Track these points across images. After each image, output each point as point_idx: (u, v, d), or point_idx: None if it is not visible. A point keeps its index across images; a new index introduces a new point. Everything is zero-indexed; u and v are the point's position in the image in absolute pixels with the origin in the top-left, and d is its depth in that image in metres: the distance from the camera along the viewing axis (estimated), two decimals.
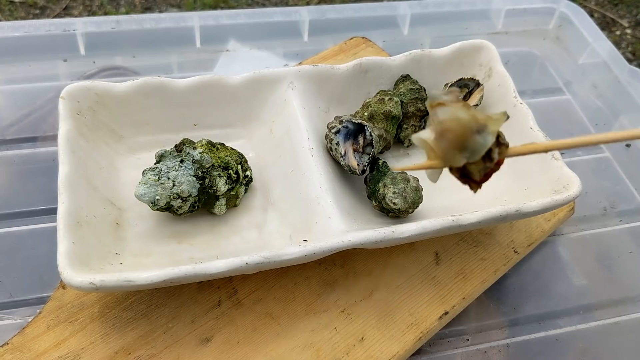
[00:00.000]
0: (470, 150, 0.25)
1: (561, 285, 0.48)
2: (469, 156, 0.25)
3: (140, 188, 0.40)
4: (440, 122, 0.25)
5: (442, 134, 0.25)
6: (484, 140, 0.25)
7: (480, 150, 0.25)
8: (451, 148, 0.24)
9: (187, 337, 0.39)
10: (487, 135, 0.25)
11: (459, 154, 0.25)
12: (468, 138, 0.24)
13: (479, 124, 0.25)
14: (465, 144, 0.24)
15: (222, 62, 0.64)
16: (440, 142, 0.25)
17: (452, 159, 0.25)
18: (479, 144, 0.24)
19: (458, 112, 0.25)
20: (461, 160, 0.25)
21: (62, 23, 0.61)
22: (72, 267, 0.34)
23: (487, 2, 0.71)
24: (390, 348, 0.40)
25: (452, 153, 0.25)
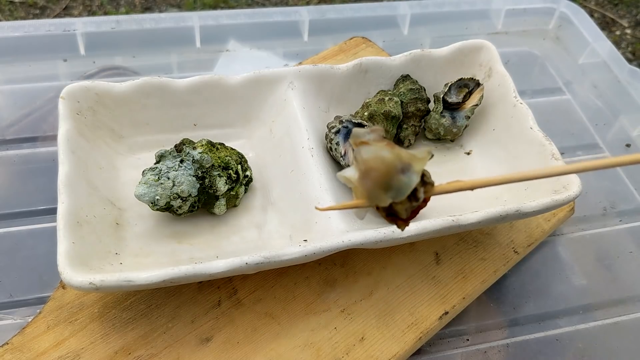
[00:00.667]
0: (395, 190, 0.24)
1: (561, 285, 0.48)
2: (394, 195, 0.24)
3: (140, 188, 0.40)
4: (364, 161, 0.24)
5: (366, 173, 0.24)
6: (409, 179, 0.24)
7: (405, 190, 0.24)
8: (376, 188, 0.24)
9: (187, 337, 0.39)
10: (412, 174, 0.24)
11: (383, 194, 0.24)
12: (392, 177, 0.24)
13: (403, 163, 0.24)
14: (389, 183, 0.24)
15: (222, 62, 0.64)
16: (365, 181, 0.24)
17: (377, 199, 0.25)
18: (403, 183, 0.24)
19: (381, 151, 0.25)
20: (386, 200, 0.24)
21: (62, 23, 0.61)
22: (72, 267, 0.34)
23: (487, 2, 0.71)
24: (390, 348, 0.40)
25: (377, 192, 0.24)
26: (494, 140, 0.49)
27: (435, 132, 0.50)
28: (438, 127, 0.49)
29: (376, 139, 0.25)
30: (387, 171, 0.24)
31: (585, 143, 0.60)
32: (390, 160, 0.24)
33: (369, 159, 0.24)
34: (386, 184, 0.24)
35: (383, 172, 0.24)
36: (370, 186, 0.24)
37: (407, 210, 0.25)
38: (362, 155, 0.25)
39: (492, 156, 0.48)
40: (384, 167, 0.24)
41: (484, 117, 0.50)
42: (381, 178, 0.24)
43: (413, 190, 0.24)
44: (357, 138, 0.25)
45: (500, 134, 0.48)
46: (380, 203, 0.25)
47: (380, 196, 0.24)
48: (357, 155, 0.25)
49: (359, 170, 0.25)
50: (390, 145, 0.25)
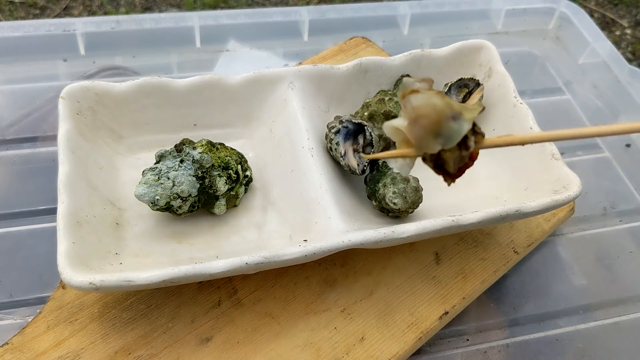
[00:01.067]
0: (445, 137, 0.24)
1: (561, 285, 0.48)
2: (445, 142, 0.24)
3: (140, 188, 0.40)
4: (414, 108, 0.24)
5: (415, 119, 0.24)
6: (460, 126, 0.24)
7: (456, 137, 0.24)
8: (425, 134, 0.24)
9: (187, 337, 0.39)
10: (463, 121, 0.24)
11: (433, 140, 0.24)
12: (443, 124, 0.24)
13: (454, 111, 0.24)
14: (440, 130, 0.24)
15: (222, 62, 0.64)
16: (414, 128, 0.24)
17: (427, 146, 0.24)
18: (454, 130, 0.24)
19: (432, 98, 0.24)
20: (436, 147, 0.24)
21: (62, 23, 0.61)
22: (72, 267, 0.34)
23: (487, 2, 0.71)
24: (390, 348, 0.40)
25: (427, 139, 0.24)
26: None
27: None
28: None
29: (426, 87, 0.25)
30: (438, 118, 0.24)
31: (585, 143, 0.60)
32: (441, 107, 0.24)
33: (420, 105, 0.24)
34: (436, 131, 0.24)
35: (434, 118, 0.24)
36: (420, 133, 0.24)
37: (456, 161, 0.25)
38: (411, 103, 0.24)
39: (492, 156, 0.48)
40: (434, 114, 0.24)
41: (484, 117, 0.50)
42: (431, 124, 0.24)
43: (463, 139, 0.24)
44: (407, 87, 0.25)
45: (500, 133, 0.48)
46: (429, 150, 0.24)
47: (430, 143, 0.24)
48: (407, 104, 0.25)
49: (408, 118, 0.24)
50: (441, 94, 0.25)
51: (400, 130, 0.25)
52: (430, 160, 0.25)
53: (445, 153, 0.24)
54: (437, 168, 0.25)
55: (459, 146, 0.24)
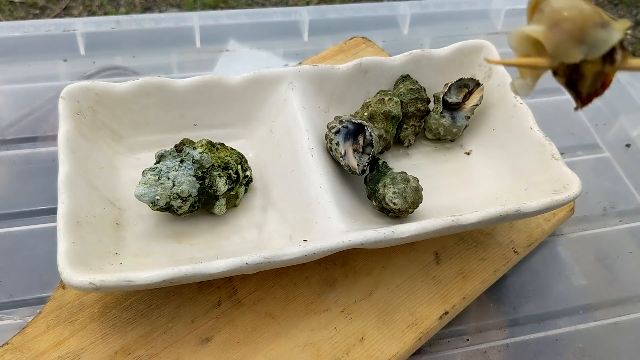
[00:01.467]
0: (590, 45, 0.21)
1: (561, 285, 0.48)
2: (588, 51, 0.21)
3: (140, 188, 0.40)
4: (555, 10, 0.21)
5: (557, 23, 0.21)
6: (608, 35, 0.21)
7: (604, 46, 0.21)
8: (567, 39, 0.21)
9: (187, 337, 0.39)
10: (612, 30, 0.21)
11: (575, 47, 0.21)
12: (589, 30, 0.21)
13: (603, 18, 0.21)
14: (585, 36, 0.21)
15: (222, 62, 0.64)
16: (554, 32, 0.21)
17: (566, 53, 0.21)
18: (602, 38, 0.21)
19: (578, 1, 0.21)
20: (577, 55, 0.21)
21: (62, 23, 0.61)
22: (72, 267, 0.34)
23: (487, 2, 0.71)
24: (390, 348, 0.40)
25: (568, 45, 0.21)
26: (494, 140, 0.49)
27: (435, 132, 0.50)
28: (438, 127, 0.49)
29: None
30: (584, 22, 0.21)
31: (585, 143, 0.60)
32: (588, 12, 0.21)
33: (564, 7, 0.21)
34: (581, 37, 0.21)
35: (579, 22, 0.21)
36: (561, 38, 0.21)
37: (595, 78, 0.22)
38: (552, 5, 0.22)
39: (492, 156, 0.48)
40: (580, 18, 0.21)
41: (484, 117, 0.50)
42: (576, 29, 0.21)
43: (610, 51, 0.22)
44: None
45: (500, 134, 0.48)
46: (568, 58, 0.22)
47: (571, 50, 0.21)
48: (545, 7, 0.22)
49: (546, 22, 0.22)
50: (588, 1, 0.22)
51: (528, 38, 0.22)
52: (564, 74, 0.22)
53: (587, 65, 0.22)
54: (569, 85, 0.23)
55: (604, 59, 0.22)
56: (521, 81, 0.24)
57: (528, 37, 0.22)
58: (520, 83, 0.24)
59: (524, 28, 0.22)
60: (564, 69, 0.22)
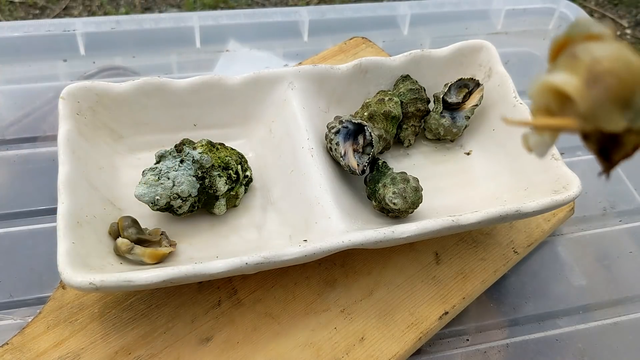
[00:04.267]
0: (636, 110, 0.17)
1: (561, 285, 0.48)
2: (634, 119, 0.17)
3: (140, 188, 0.40)
4: (596, 62, 0.17)
5: (597, 77, 0.17)
6: None
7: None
8: (608, 100, 0.17)
9: (187, 337, 0.39)
10: None
11: (617, 112, 0.17)
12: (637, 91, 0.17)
13: None
14: (632, 98, 0.17)
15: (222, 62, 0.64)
16: (592, 90, 0.17)
17: (605, 117, 0.17)
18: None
19: (624, 50, 0.17)
20: (619, 122, 0.17)
21: (62, 23, 0.61)
22: (72, 267, 0.34)
23: (487, 2, 0.71)
24: (390, 348, 0.40)
25: (609, 109, 0.17)
26: (494, 141, 0.49)
27: (435, 132, 0.50)
28: (438, 127, 0.49)
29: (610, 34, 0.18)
30: (633, 80, 0.17)
31: None
32: (638, 66, 0.17)
33: (607, 58, 0.17)
34: (627, 99, 0.17)
35: (626, 80, 0.17)
36: (600, 97, 0.17)
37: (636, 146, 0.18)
38: (592, 54, 0.17)
39: (492, 156, 0.48)
40: (628, 74, 0.17)
41: (484, 117, 0.50)
42: (623, 89, 0.17)
43: None
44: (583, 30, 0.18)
45: (500, 134, 0.48)
46: (608, 125, 0.17)
47: (613, 116, 0.17)
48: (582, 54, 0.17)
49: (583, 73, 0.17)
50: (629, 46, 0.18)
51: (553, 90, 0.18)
52: (598, 140, 0.18)
53: (629, 135, 0.17)
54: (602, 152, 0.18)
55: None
56: (537, 137, 0.19)
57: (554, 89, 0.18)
58: (536, 140, 0.19)
59: (552, 79, 0.18)
60: (598, 135, 0.18)
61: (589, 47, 0.17)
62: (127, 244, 0.38)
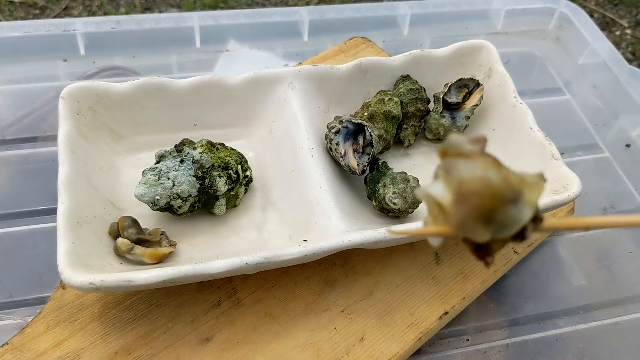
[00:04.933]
0: (499, 225, 0.19)
1: (561, 285, 0.48)
2: (497, 231, 0.19)
3: (140, 188, 0.40)
4: (462, 182, 0.19)
5: (463, 197, 0.19)
6: (519, 214, 0.19)
7: (513, 227, 0.19)
8: (473, 217, 0.19)
9: (187, 337, 0.39)
10: (524, 207, 0.19)
11: (482, 227, 0.19)
12: (498, 209, 0.19)
13: (514, 192, 0.19)
14: (493, 215, 0.19)
15: (222, 62, 0.64)
16: (460, 207, 0.19)
17: (472, 232, 0.19)
18: (511, 217, 0.19)
19: (487, 171, 0.19)
20: (484, 235, 0.19)
21: (62, 23, 0.61)
22: (72, 267, 0.34)
23: (487, 2, 0.71)
24: (390, 348, 0.40)
25: (473, 224, 0.19)
26: (494, 140, 0.49)
27: (435, 132, 0.50)
28: (438, 128, 0.49)
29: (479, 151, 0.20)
30: (493, 200, 0.19)
31: (585, 143, 0.60)
32: (498, 185, 0.19)
33: (471, 179, 0.19)
34: (488, 216, 0.19)
35: (487, 200, 0.19)
36: (467, 215, 0.19)
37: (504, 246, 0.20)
38: (459, 173, 0.19)
39: None
40: (489, 194, 0.19)
41: (484, 117, 0.50)
42: (483, 207, 0.19)
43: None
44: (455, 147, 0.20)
45: (500, 134, 0.48)
46: (475, 237, 0.20)
47: (477, 229, 0.19)
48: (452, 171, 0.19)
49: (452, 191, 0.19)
50: (497, 163, 0.19)
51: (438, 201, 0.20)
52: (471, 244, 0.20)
53: (495, 243, 0.20)
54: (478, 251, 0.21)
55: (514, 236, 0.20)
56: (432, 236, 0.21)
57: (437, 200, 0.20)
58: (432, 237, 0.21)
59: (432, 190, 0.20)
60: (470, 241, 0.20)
61: (459, 165, 0.19)
62: (127, 244, 0.38)
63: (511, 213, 0.19)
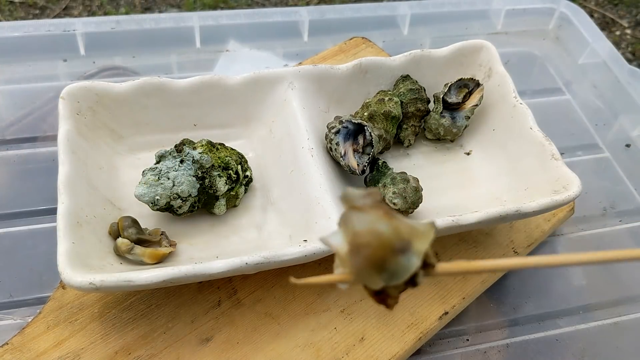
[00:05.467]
0: (390, 273, 0.20)
1: (561, 285, 0.48)
2: (389, 279, 0.20)
3: (140, 188, 0.40)
4: (355, 234, 0.20)
5: (356, 248, 0.20)
6: (408, 262, 0.20)
7: (403, 275, 0.21)
8: (367, 267, 0.20)
9: (187, 337, 0.39)
10: (412, 255, 0.20)
11: (376, 276, 0.20)
12: (388, 259, 0.20)
13: (403, 241, 0.20)
14: (384, 265, 0.20)
15: (222, 62, 0.64)
16: (354, 258, 0.20)
17: (367, 280, 0.21)
18: (401, 266, 0.20)
19: (378, 223, 0.20)
20: (378, 283, 0.21)
21: (62, 23, 0.61)
22: (72, 267, 0.34)
23: (487, 2, 0.71)
24: (390, 348, 0.40)
25: (368, 273, 0.20)
26: (494, 141, 0.49)
27: (435, 132, 0.50)
28: (438, 128, 0.49)
29: (373, 205, 0.21)
30: (383, 251, 0.20)
31: (585, 143, 0.60)
32: (387, 237, 0.20)
33: (362, 232, 0.20)
34: (380, 266, 0.20)
35: (377, 251, 0.20)
36: (361, 265, 0.20)
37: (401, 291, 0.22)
38: (353, 225, 0.21)
39: (492, 156, 0.48)
40: (379, 245, 0.20)
41: (484, 117, 0.50)
42: (375, 258, 0.20)
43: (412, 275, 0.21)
44: (349, 201, 0.22)
45: (500, 134, 0.48)
46: (370, 285, 0.21)
47: (372, 278, 0.21)
48: (348, 223, 0.21)
49: (348, 242, 0.21)
50: (389, 215, 0.21)
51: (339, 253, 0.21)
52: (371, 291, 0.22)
53: (390, 288, 0.21)
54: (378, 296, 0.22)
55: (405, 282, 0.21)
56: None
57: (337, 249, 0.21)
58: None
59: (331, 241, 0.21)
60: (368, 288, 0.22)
61: (353, 218, 0.21)
62: (127, 244, 0.38)
63: (401, 262, 0.20)
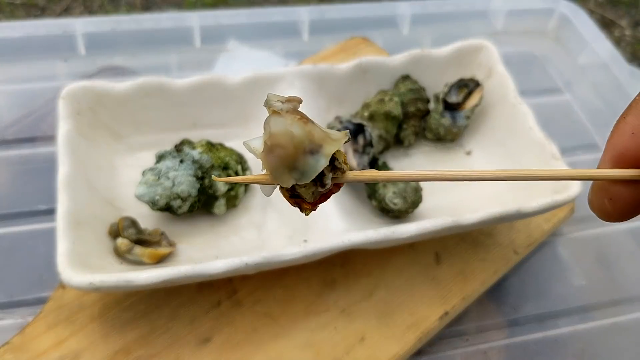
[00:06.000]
0: (299, 172, 0.22)
1: (561, 285, 0.48)
2: (298, 178, 0.22)
3: (140, 188, 0.40)
4: (271, 135, 0.22)
5: (271, 148, 0.22)
6: (316, 162, 0.22)
7: (311, 174, 0.22)
8: (280, 165, 0.22)
9: (187, 337, 0.39)
10: (321, 157, 0.22)
11: (287, 174, 0.22)
12: (299, 157, 0.22)
13: (313, 143, 0.22)
14: (295, 163, 0.22)
15: (221, 62, 0.64)
16: (269, 157, 0.22)
17: (280, 178, 0.23)
18: (309, 165, 0.22)
19: (292, 126, 0.22)
20: (289, 181, 0.22)
21: (62, 23, 0.61)
22: (71, 267, 0.34)
23: (487, 2, 0.71)
24: (390, 348, 0.40)
25: (281, 171, 0.22)
26: (494, 141, 0.49)
27: (436, 132, 0.50)
28: (438, 127, 0.49)
29: (290, 110, 0.23)
30: (294, 150, 0.22)
31: (585, 143, 0.60)
32: (299, 138, 0.22)
33: (277, 133, 0.22)
34: (291, 164, 0.22)
35: (289, 150, 0.22)
36: (274, 163, 0.22)
37: (314, 194, 0.24)
38: (270, 127, 0.22)
39: (492, 156, 0.48)
40: (291, 145, 0.22)
41: (484, 117, 0.50)
42: (286, 157, 0.22)
43: (320, 174, 0.23)
44: (269, 105, 0.23)
45: (501, 134, 0.48)
46: (282, 183, 0.23)
47: (284, 176, 0.22)
48: (266, 126, 0.23)
49: (265, 143, 0.23)
50: (304, 120, 0.23)
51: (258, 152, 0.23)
52: (286, 190, 0.24)
53: (300, 188, 0.23)
54: (293, 198, 0.24)
55: (314, 182, 0.23)
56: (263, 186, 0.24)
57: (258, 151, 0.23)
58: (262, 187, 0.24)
59: (251, 143, 0.23)
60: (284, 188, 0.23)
61: (270, 121, 0.23)
62: (127, 244, 0.38)
63: (309, 162, 0.22)
